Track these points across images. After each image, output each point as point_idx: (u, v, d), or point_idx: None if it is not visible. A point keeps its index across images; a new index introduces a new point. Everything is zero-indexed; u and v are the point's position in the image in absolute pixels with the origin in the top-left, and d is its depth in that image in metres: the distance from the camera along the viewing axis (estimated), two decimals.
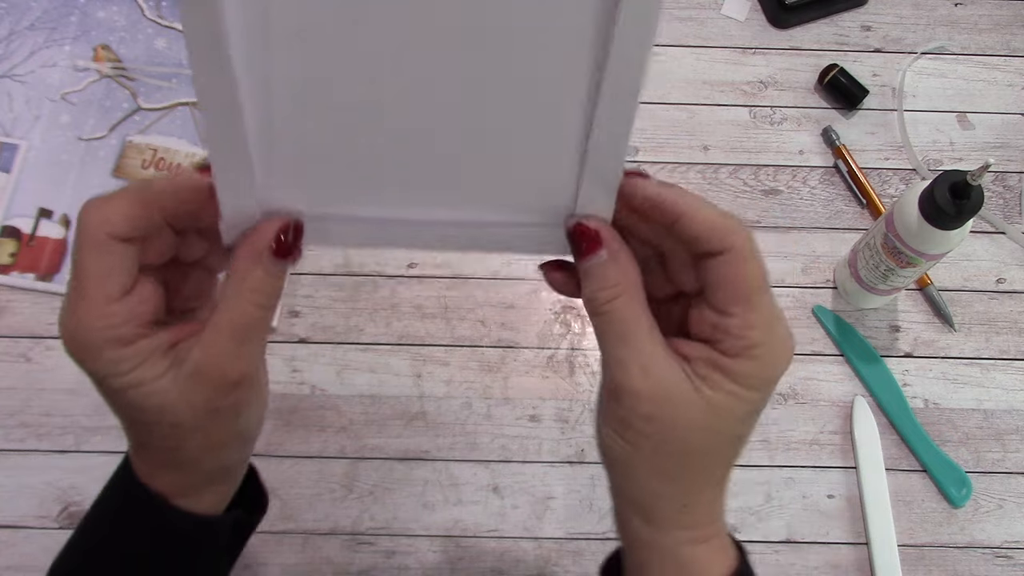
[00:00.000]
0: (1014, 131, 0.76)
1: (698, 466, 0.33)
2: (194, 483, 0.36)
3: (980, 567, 0.63)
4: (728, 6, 0.79)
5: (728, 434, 0.33)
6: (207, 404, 0.33)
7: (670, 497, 0.33)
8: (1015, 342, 0.69)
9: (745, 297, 0.31)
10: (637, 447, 0.33)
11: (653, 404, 0.32)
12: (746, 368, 0.32)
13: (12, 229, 0.68)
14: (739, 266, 0.31)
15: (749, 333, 0.31)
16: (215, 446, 0.35)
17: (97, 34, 0.74)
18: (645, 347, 0.32)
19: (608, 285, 0.32)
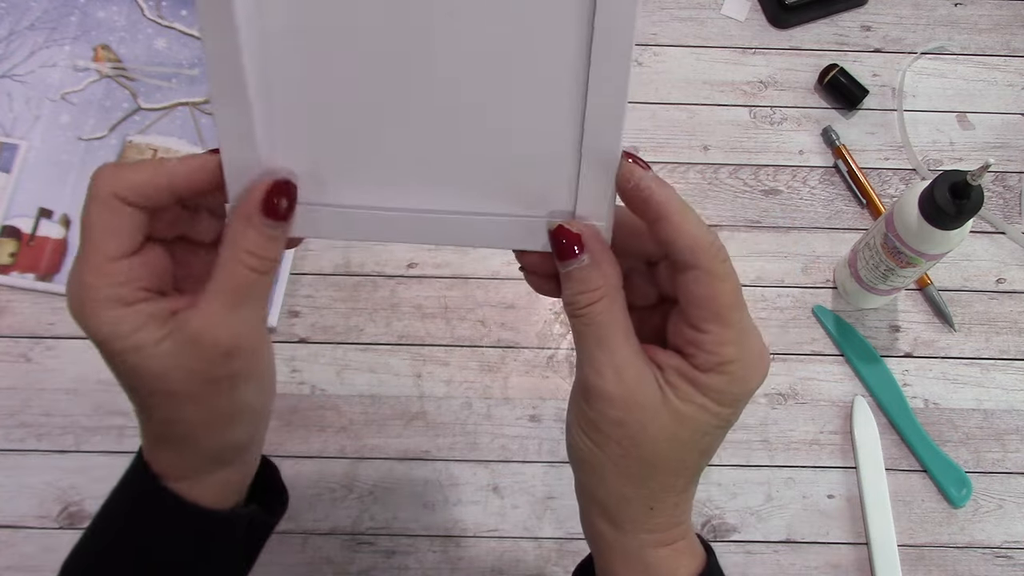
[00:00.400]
0: (1014, 131, 0.76)
1: (664, 473, 0.33)
2: (194, 464, 0.36)
3: (980, 567, 0.63)
4: (728, 6, 0.79)
5: (695, 445, 0.33)
6: (203, 373, 0.32)
7: (635, 500, 0.34)
8: (1015, 342, 0.69)
9: (717, 315, 0.32)
10: (604, 449, 0.33)
11: (623, 409, 0.32)
12: (717, 383, 0.32)
13: (12, 229, 0.68)
14: (711, 285, 0.32)
15: (721, 349, 0.32)
16: (213, 421, 0.34)
17: (97, 34, 0.74)
18: (620, 352, 0.32)
19: (588, 289, 0.32)
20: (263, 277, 0.32)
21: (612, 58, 0.32)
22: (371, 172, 0.34)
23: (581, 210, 0.34)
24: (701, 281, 0.32)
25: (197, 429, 0.34)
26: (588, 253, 0.33)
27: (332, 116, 0.34)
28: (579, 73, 0.32)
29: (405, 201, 0.35)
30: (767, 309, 0.69)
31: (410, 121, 0.34)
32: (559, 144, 0.33)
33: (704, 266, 0.31)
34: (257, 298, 0.33)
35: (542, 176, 0.34)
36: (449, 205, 0.35)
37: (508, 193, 0.34)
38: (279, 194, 0.32)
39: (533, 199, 0.34)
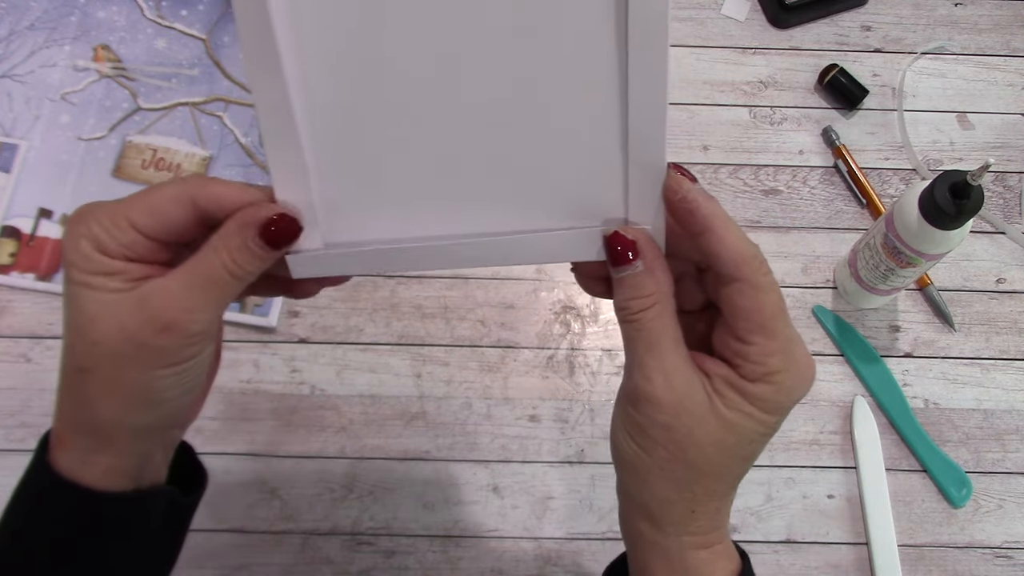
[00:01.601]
0: (1014, 131, 0.76)
1: (708, 478, 0.34)
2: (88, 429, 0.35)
3: (980, 567, 0.63)
4: (728, 6, 0.79)
5: (739, 452, 0.34)
6: (133, 335, 0.33)
7: (679, 504, 0.34)
8: (1015, 342, 0.69)
9: (761, 326, 0.32)
10: (651, 453, 0.34)
11: (671, 414, 0.33)
12: (764, 392, 0.33)
13: (12, 229, 0.68)
14: (755, 297, 0.32)
15: (768, 360, 0.32)
16: (121, 392, 0.34)
17: (97, 34, 0.74)
18: (670, 358, 0.33)
19: (642, 295, 0.33)
20: (231, 279, 0.33)
21: (649, 64, 0.32)
22: (416, 202, 0.35)
23: (633, 219, 0.34)
24: (745, 293, 0.32)
25: (102, 391, 0.34)
26: (642, 259, 0.33)
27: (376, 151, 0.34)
28: (617, 82, 0.32)
29: (454, 227, 0.35)
30: None
31: (453, 146, 0.34)
32: (605, 155, 0.34)
33: (747, 278, 0.32)
34: (218, 293, 0.33)
35: (591, 189, 0.34)
36: (500, 226, 0.35)
37: (559, 208, 0.35)
38: (283, 225, 0.33)
39: (584, 212, 0.35)
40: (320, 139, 0.34)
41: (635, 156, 0.33)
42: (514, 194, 0.35)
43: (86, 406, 0.34)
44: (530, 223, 0.35)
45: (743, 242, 0.33)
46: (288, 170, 0.34)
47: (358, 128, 0.34)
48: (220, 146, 0.71)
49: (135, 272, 0.33)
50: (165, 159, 0.71)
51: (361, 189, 0.35)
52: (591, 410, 0.66)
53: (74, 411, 0.35)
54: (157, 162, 0.70)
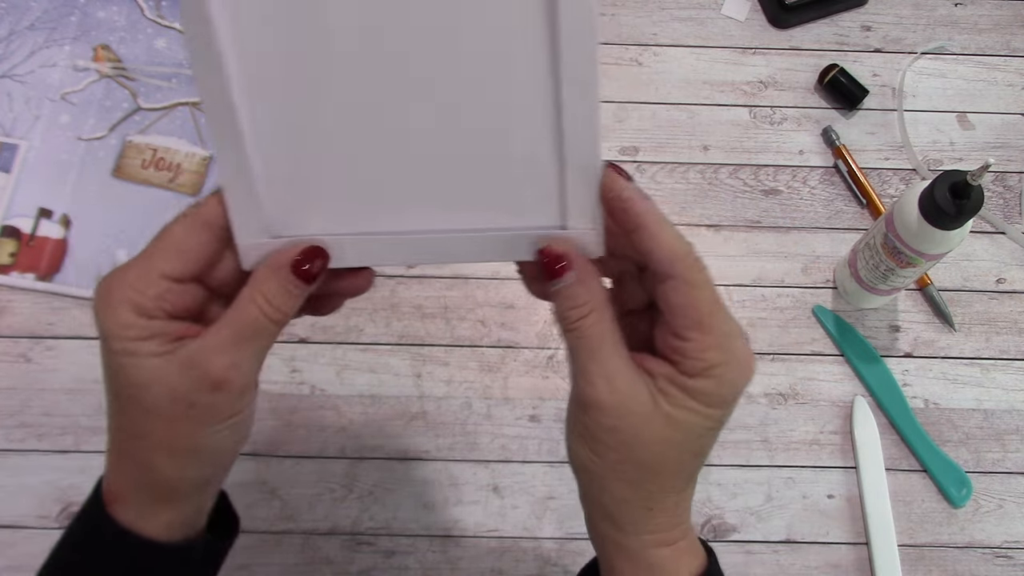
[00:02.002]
0: (1014, 131, 0.76)
1: (660, 475, 0.35)
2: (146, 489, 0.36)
3: (980, 567, 0.63)
4: (728, 6, 0.79)
5: (688, 448, 0.35)
6: (184, 396, 0.33)
7: (634, 502, 0.35)
8: (1015, 342, 0.69)
9: (697, 322, 0.33)
10: (603, 456, 0.34)
11: (616, 417, 0.33)
12: (705, 387, 0.33)
13: (12, 229, 0.68)
14: (689, 293, 0.33)
15: (706, 355, 0.33)
16: (178, 449, 0.35)
17: (97, 34, 0.74)
18: (611, 362, 0.34)
19: (577, 305, 0.34)
20: (271, 325, 0.34)
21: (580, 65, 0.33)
22: (359, 197, 0.36)
23: (571, 220, 0.35)
24: (679, 290, 0.33)
25: (160, 454, 0.35)
26: (574, 271, 0.34)
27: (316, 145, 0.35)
28: (551, 84, 0.33)
29: (397, 224, 0.36)
30: (767, 309, 0.69)
31: (395, 146, 0.35)
32: (542, 156, 0.34)
33: (681, 275, 0.33)
34: (259, 342, 0.34)
35: (529, 190, 0.35)
36: (443, 224, 0.36)
37: (498, 209, 0.35)
38: (313, 258, 0.34)
39: (523, 212, 0.35)
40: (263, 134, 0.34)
41: (570, 157, 0.34)
42: (454, 193, 0.35)
43: (145, 468, 0.35)
44: (471, 222, 0.36)
45: (676, 240, 0.33)
46: (233, 163, 0.34)
47: (299, 125, 0.34)
48: None
49: (174, 330, 0.34)
50: (165, 159, 0.71)
51: (304, 185, 0.35)
52: None
53: (132, 472, 0.36)
54: (157, 162, 0.70)
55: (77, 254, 0.68)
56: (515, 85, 0.33)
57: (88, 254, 0.68)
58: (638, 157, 0.74)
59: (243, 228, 0.35)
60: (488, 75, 0.33)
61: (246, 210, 0.35)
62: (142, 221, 0.68)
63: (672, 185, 0.73)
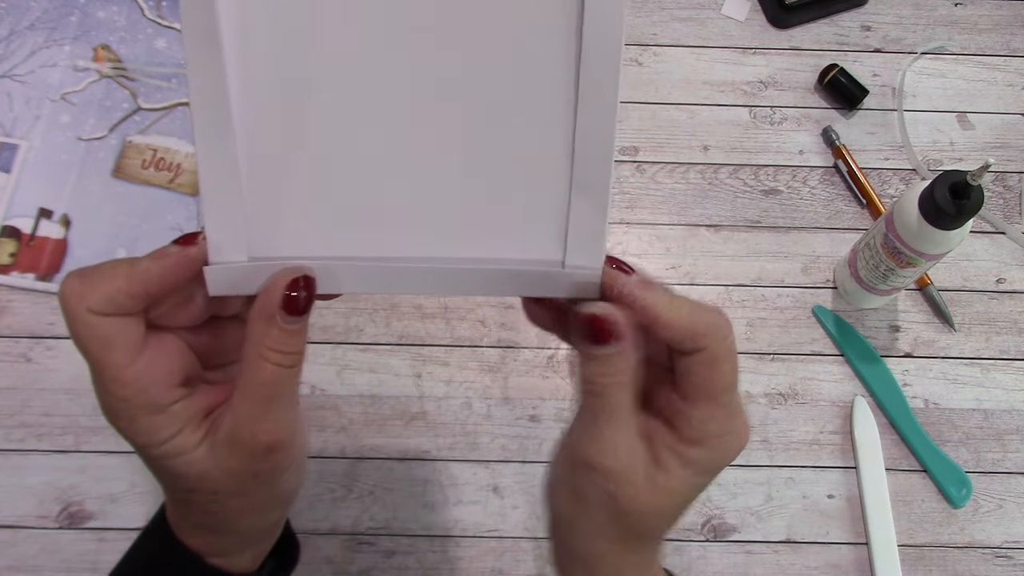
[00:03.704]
0: (1014, 131, 0.76)
1: (643, 537, 0.35)
2: (232, 543, 0.37)
3: (980, 567, 0.63)
4: (728, 6, 0.79)
5: (674, 512, 0.35)
6: (244, 470, 0.33)
7: (612, 555, 0.35)
8: (1015, 342, 0.69)
9: (713, 396, 0.33)
10: (590, 514, 0.34)
11: (616, 484, 0.33)
12: (701, 456, 0.33)
13: (12, 229, 0.68)
14: (712, 367, 0.32)
15: (708, 426, 0.33)
16: (255, 509, 0.35)
17: (97, 34, 0.74)
18: (621, 432, 0.33)
19: (612, 373, 0.33)
20: (290, 371, 0.32)
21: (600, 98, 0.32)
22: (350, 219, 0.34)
23: (571, 257, 0.34)
24: (703, 363, 0.32)
25: (238, 517, 0.35)
26: (620, 340, 0.32)
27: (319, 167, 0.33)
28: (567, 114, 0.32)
29: (388, 249, 0.34)
30: (767, 309, 0.69)
31: (396, 166, 0.33)
32: (548, 189, 0.33)
33: (707, 348, 0.32)
34: (287, 391, 0.33)
35: (530, 222, 0.34)
36: (436, 251, 0.34)
37: (495, 239, 0.34)
38: (298, 289, 0.32)
39: (520, 244, 0.34)
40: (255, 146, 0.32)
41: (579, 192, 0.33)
42: (451, 220, 0.34)
43: (224, 528, 0.36)
44: (465, 251, 0.34)
45: (693, 317, 0.32)
46: (219, 177, 0.32)
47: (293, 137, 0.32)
48: None
49: (198, 408, 0.33)
50: (165, 159, 0.71)
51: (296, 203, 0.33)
52: None
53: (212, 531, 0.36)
54: (157, 162, 0.70)
55: (77, 254, 0.68)
56: (527, 109, 0.32)
57: (88, 254, 0.68)
58: (638, 157, 0.74)
59: (219, 247, 0.32)
60: (500, 97, 0.32)
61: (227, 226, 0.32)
62: (142, 221, 0.68)
63: (672, 185, 0.73)
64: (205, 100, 0.31)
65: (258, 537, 0.38)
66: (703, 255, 0.70)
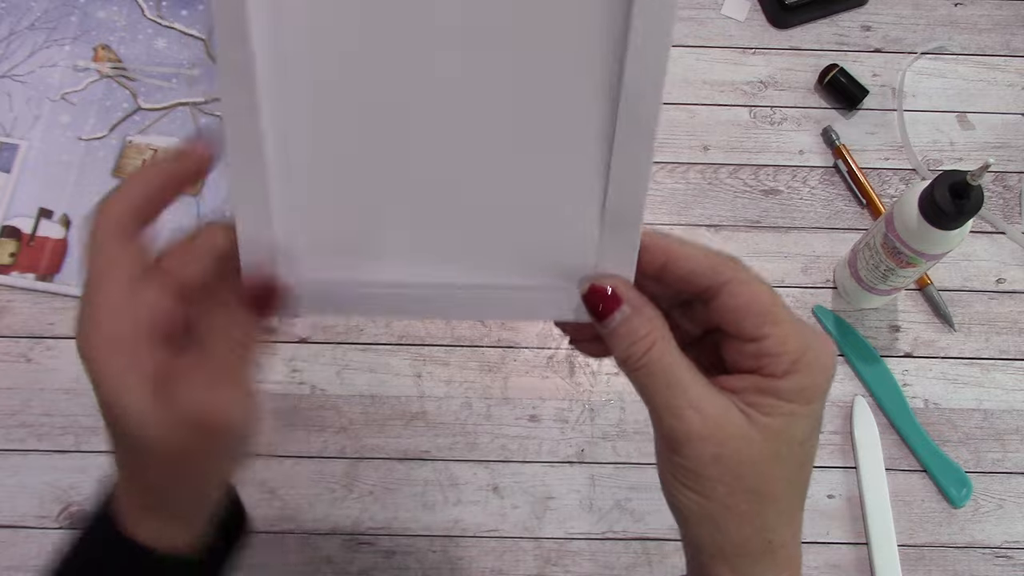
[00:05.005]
0: (1014, 131, 0.76)
1: (774, 498, 0.32)
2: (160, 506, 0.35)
3: (980, 567, 0.63)
4: (728, 6, 0.79)
5: (794, 457, 0.32)
6: (184, 445, 0.31)
7: (753, 537, 0.33)
8: (1015, 342, 0.69)
9: (767, 316, 0.31)
10: (711, 495, 0.31)
11: (716, 444, 0.31)
12: (798, 383, 0.31)
13: (12, 229, 0.68)
14: (748, 290, 0.31)
15: (788, 346, 0.31)
16: (187, 484, 0.34)
17: (97, 34, 0.74)
18: (692, 389, 0.31)
19: (639, 338, 0.31)
20: (244, 358, 0.32)
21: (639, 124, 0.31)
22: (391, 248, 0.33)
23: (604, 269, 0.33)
24: (737, 292, 0.31)
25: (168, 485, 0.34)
26: (626, 303, 0.32)
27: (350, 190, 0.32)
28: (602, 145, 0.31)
29: (427, 276, 0.33)
30: None
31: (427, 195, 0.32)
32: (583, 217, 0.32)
33: (732, 278, 0.31)
34: (242, 375, 0.32)
35: (566, 247, 0.33)
36: (471, 280, 0.33)
37: (532, 265, 0.33)
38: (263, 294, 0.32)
39: (558, 270, 0.33)
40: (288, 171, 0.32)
41: (612, 218, 0.32)
42: (487, 248, 0.33)
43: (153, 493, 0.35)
44: (502, 278, 0.33)
45: (709, 252, 0.32)
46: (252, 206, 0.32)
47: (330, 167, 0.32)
48: None
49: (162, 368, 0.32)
50: None
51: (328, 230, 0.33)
52: (591, 410, 0.66)
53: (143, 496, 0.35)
54: None
55: (77, 254, 0.68)
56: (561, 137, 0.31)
57: None
58: None
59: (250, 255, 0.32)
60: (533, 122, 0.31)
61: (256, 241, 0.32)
62: None
63: (672, 185, 0.73)
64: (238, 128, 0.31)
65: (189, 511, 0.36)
66: None
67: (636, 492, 0.64)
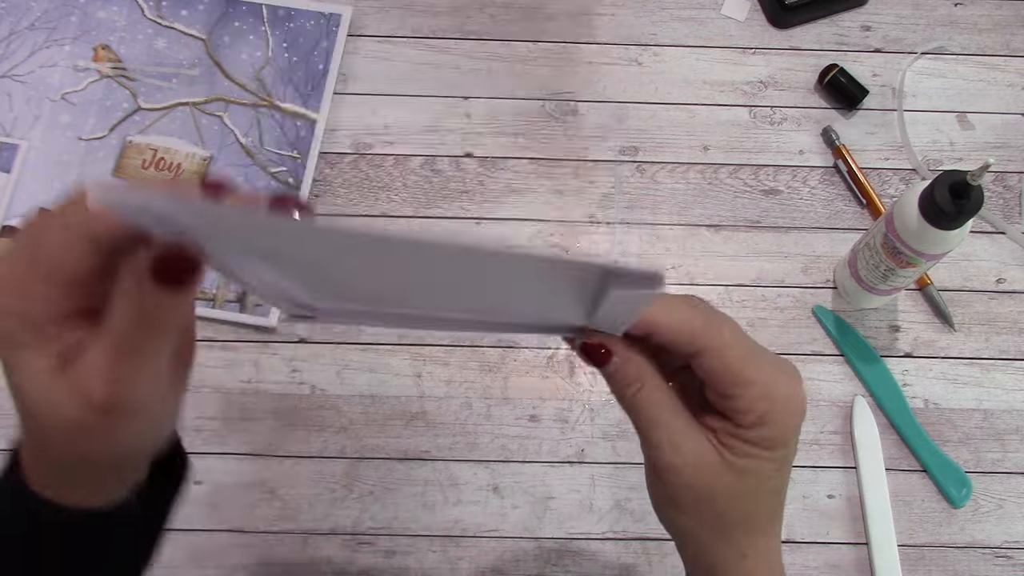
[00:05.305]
0: (1014, 131, 0.76)
1: (744, 522, 0.37)
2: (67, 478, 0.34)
3: (980, 567, 0.63)
4: (728, 6, 0.79)
5: (763, 489, 0.37)
6: (75, 419, 0.30)
7: (729, 555, 0.37)
8: (1015, 342, 0.69)
9: (736, 381, 0.35)
10: (688, 514, 0.37)
11: (689, 476, 0.36)
12: (763, 434, 0.35)
13: (12, 229, 0.68)
14: (719, 359, 0.35)
15: (755, 406, 0.35)
16: (86, 459, 0.32)
17: (97, 34, 0.74)
18: (673, 426, 0.36)
19: (629, 382, 0.36)
20: (154, 338, 0.29)
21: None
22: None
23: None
24: (710, 359, 0.35)
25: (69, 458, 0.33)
26: (617, 356, 0.36)
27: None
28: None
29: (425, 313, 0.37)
30: (767, 309, 0.69)
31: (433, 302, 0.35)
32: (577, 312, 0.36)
33: (707, 347, 0.35)
34: (146, 354, 0.29)
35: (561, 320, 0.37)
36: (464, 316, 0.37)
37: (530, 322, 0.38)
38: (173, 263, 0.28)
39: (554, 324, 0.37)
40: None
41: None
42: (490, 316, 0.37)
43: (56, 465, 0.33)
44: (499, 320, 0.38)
45: (687, 317, 0.35)
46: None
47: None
48: (220, 146, 0.71)
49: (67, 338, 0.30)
50: (165, 159, 0.71)
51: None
52: (591, 410, 0.66)
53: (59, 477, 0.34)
54: (157, 162, 0.70)
55: None
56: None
57: None
58: (638, 157, 0.74)
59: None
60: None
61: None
62: None
63: (672, 185, 0.73)
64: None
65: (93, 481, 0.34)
66: (703, 255, 0.70)
67: (636, 492, 0.64)
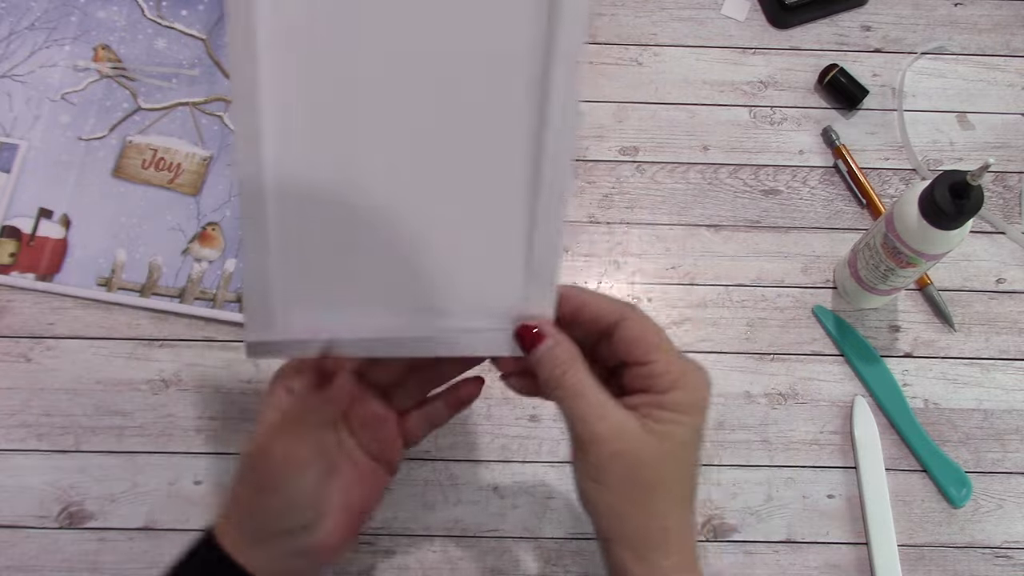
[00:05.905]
0: (1014, 131, 0.76)
1: (664, 489, 0.40)
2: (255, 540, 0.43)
3: (980, 567, 0.63)
4: (728, 6, 0.79)
5: (681, 458, 0.40)
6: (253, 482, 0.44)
7: (652, 526, 0.40)
8: (1015, 342, 0.69)
9: (655, 346, 0.41)
10: (612, 487, 0.39)
11: (615, 442, 0.39)
12: (679, 397, 0.40)
13: (12, 229, 0.68)
14: (639, 325, 0.41)
15: (671, 369, 0.40)
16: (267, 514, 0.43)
17: (97, 34, 0.74)
18: (598, 399, 0.40)
19: (559, 363, 0.41)
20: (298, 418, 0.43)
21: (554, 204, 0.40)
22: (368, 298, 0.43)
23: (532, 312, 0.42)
24: (632, 326, 0.41)
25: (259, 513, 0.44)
26: (550, 337, 0.41)
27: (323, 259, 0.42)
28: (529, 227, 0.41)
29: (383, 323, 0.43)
30: (767, 309, 0.69)
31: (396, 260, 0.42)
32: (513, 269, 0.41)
33: (629, 315, 0.41)
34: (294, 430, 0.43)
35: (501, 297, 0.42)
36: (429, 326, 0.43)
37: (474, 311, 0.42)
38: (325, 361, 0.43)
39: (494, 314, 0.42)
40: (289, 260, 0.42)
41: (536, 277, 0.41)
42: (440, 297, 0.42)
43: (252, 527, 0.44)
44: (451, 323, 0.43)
45: (613, 299, 0.42)
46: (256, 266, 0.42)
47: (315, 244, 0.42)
48: (220, 146, 0.71)
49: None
50: (165, 159, 0.71)
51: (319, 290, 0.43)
52: None
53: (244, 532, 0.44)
54: (157, 162, 0.70)
55: (77, 254, 0.68)
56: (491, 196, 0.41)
57: (88, 254, 0.68)
58: (638, 157, 0.74)
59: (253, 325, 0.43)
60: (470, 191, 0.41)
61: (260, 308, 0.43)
62: (142, 221, 0.68)
63: (672, 185, 0.73)
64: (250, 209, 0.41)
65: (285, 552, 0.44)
66: (703, 255, 0.70)
67: None
